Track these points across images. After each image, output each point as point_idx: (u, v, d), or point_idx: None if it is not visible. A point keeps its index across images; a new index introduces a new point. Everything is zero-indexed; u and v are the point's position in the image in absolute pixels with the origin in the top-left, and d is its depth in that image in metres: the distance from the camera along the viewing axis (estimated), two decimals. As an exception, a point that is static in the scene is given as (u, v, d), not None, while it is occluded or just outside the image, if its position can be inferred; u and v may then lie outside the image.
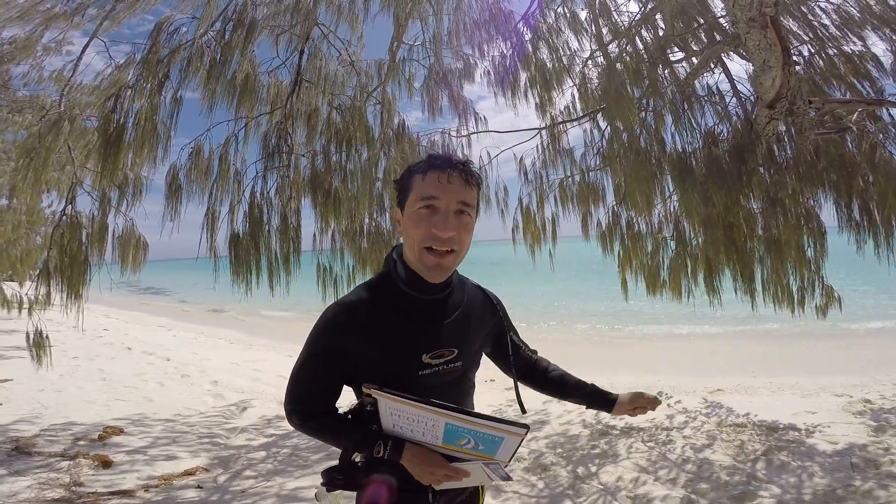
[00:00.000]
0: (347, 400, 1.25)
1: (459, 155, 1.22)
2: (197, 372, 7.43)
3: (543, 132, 5.05)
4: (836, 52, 3.69)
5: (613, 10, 3.92)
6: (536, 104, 4.77)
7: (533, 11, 4.43)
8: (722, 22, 3.78)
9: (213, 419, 5.17)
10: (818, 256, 4.03)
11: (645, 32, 3.93)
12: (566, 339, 11.63)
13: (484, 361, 1.40)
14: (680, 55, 4.07)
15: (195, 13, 3.81)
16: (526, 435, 1.08)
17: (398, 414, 1.11)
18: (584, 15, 4.33)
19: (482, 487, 1.37)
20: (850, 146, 3.67)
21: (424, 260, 1.12)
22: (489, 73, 4.95)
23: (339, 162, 4.28)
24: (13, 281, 7.40)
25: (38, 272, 4.06)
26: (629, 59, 3.72)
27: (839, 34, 3.64)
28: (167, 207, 3.94)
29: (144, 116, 3.59)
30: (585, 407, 1.52)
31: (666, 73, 3.88)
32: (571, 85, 4.68)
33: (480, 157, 5.34)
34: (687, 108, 3.80)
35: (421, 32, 4.85)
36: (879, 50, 3.61)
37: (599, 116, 4.68)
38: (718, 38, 3.68)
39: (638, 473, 3.61)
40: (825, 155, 3.61)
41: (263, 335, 12.48)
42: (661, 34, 3.90)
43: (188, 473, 3.71)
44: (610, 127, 4.18)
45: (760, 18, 2.42)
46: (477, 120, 5.26)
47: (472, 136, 5.29)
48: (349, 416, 1.22)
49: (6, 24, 4.01)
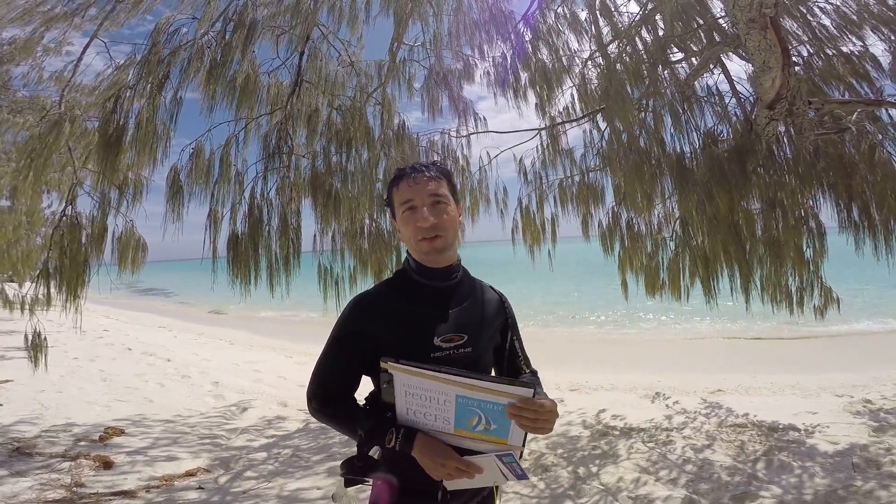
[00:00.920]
0: (365, 392, 1.31)
1: (433, 157, 1.33)
2: (198, 373, 7.43)
3: (543, 133, 5.06)
4: (834, 52, 3.69)
5: (613, 10, 3.92)
6: (536, 104, 4.78)
7: (533, 12, 4.43)
8: (721, 23, 3.79)
9: (213, 420, 5.18)
10: (817, 257, 4.04)
11: (645, 33, 3.93)
12: (566, 338, 11.63)
13: None
14: (679, 56, 4.07)
15: (195, 13, 3.82)
16: (534, 398, 1.11)
17: (412, 392, 1.16)
18: (584, 15, 4.34)
19: (496, 490, 1.41)
20: (849, 147, 3.67)
21: (421, 248, 1.30)
22: (489, 73, 4.96)
23: (339, 163, 4.28)
24: (13, 282, 7.41)
25: (37, 273, 4.06)
26: (629, 59, 3.73)
27: (838, 34, 3.64)
28: (168, 208, 3.94)
29: (145, 117, 3.59)
30: None
31: (666, 73, 3.88)
32: (571, 85, 4.69)
33: (480, 157, 5.36)
34: (686, 108, 3.80)
35: (421, 33, 4.86)
36: (878, 50, 3.62)
37: (599, 117, 4.68)
38: (718, 38, 3.68)
39: (639, 474, 3.61)
40: (824, 155, 3.61)
41: (264, 336, 12.48)
42: (660, 35, 3.90)
43: (189, 474, 3.71)
44: (610, 127, 4.19)
45: (760, 19, 2.43)
46: (477, 120, 5.27)
47: (471, 136, 5.30)
48: (366, 404, 1.31)
49: (6, 24, 4.02)
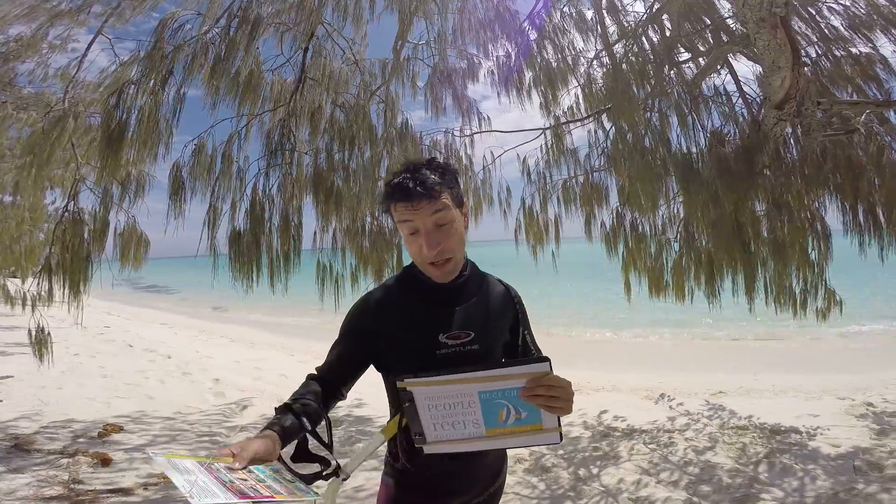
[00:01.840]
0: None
1: (422, 162, 1.26)
2: (198, 370, 7.42)
3: (547, 132, 5.03)
4: (844, 53, 3.66)
5: (620, 9, 3.90)
6: (541, 104, 4.76)
7: (538, 11, 4.41)
8: (729, 23, 3.76)
9: (213, 417, 5.16)
10: (822, 259, 4.01)
11: (651, 33, 3.91)
12: (568, 339, 11.61)
13: None
14: (686, 56, 4.05)
15: (200, 9, 3.81)
16: (552, 371, 1.07)
17: (435, 404, 1.13)
18: (590, 15, 4.32)
19: (503, 485, 1.45)
20: (857, 148, 3.64)
21: (429, 272, 1.26)
22: (493, 72, 4.93)
23: (341, 160, 4.26)
24: (16, 277, 7.41)
25: (39, 268, 4.06)
26: (635, 59, 3.70)
27: (847, 36, 3.61)
28: (170, 205, 3.93)
29: (147, 113, 3.58)
30: None
31: (672, 73, 3.86)
32: (576, 85, 4.67)
33: (484, 156, 5.34)
34: (693, 108, 3.78)
35: (426, 31, 4.84)
36: (888, 52, 3.59)
37: (604, 117, 4.65)
38: (726, 39, 3.65)
39: (639, 475, 3.59)
40: (832, 157, 3.58)
41: (266, 333, 12.48)
42: (667, 35, 3.88)
43: (188, 471, 3.69)
44: (615, 127, 4.16)
45: (770, 19, 2.40)
46: (480, 120, 5.25)
47: (475, 135, 5.28)
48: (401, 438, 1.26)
49: (12, 21, 4.01)
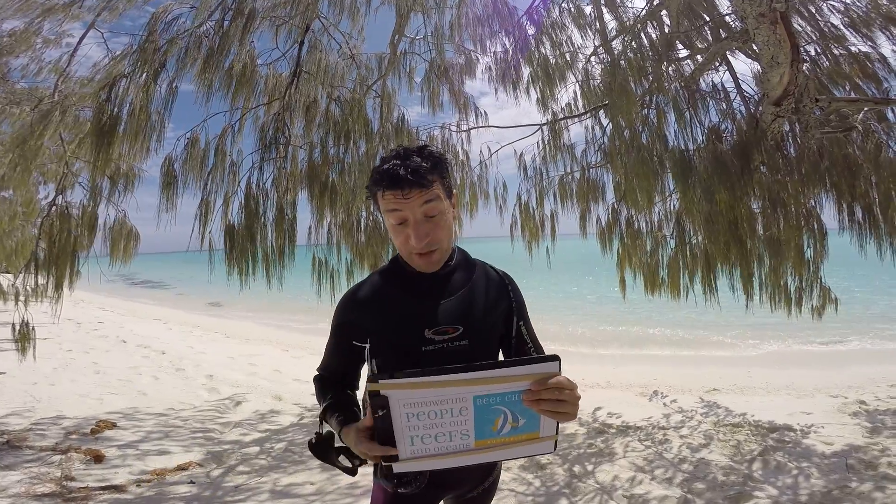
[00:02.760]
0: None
1: (413, 149, 1.19)
2: (192, 366, 7.38)
3: (544, 128, 5.01)
4: (843, 52, 3.65)
5: (619, 5, 3.88)
6: (538, 100, 4.74)
7: (537, 6, 4.38)
8: (728, 20, 3.75)
9: (206, 413, 5.13)
10: (818, 257, 4.01)
11: (650, 29, 3.88)
12: (563, 335, 11.61)
13: None
14: (685, 52, 4.03)
15: (194, 2, 3.75)
16: (560, 371, 0.96)
17: (416, 412, 0.97)
18: (588, 10, 4.29)
19: (498, 480, 1.43)
20: (854, 146, 3.64)
21: (415, 262, 1.22)
22: (491, 68, 4.91)
23: (336, 155, 4.23)
24: (8, 273, 7.34)
25: (26, 263, 4.01)
26: (633, 55, 3.68)
27: (847, 34, 3.60)
28: (162, 199, 3.89)
29: (139, 106, 3.53)
30: None
31: (670, 69, 3.84)
32: (574, 81, 4.65)
33: (480, 152, 5.32)
34: (690, 105, 3.76)
35: (423, 26, 4.79)
36: (887, 51, 3.58)
37: (601, 113, 4.64)
38: (724, 35, 3.64)
39: (634, 473, 3.59)
40: (829, 154, 3.58)
41: (261, 329, 12.44)
42: (666, 31, 3.86)
43: (181, 468, 3.67)
44: (612, 123, 4.14)
45: (770, 14, 2.38)
46: (478, 115, 5.23)
47: (472, 131, 5.26)
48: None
49: (6, 16, 3.95)
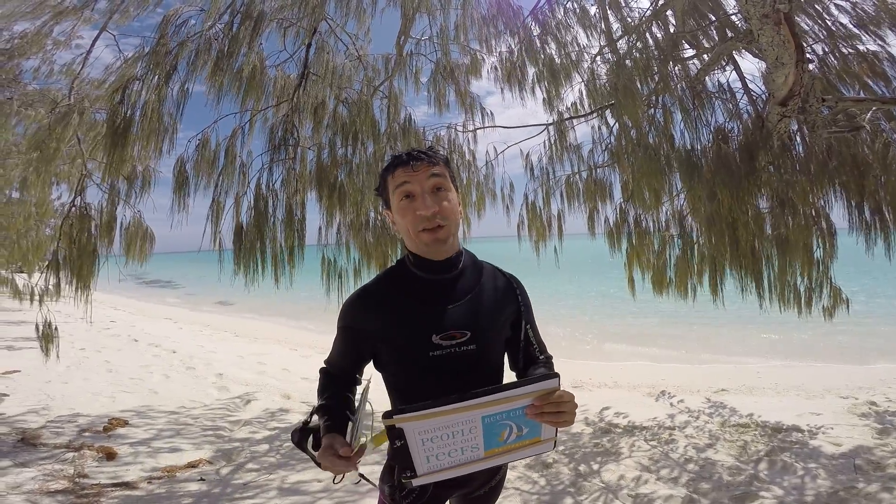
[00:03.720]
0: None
1: (439, 152, 1.29)
2: (202, 364, 7.47)
3: (551, 128, 5.02)
4: (851, 50, 3.63)
5: (623, 5, 3.88)
6: (544, 100, 4.74)
7: (541, 6, 4.39)
8: (734, 19, 3.74)
9: (217, 412, 5.21)
10: (827, 257, 3.99)
11: (655, 28, 3.88)
12: (570, 335, 11.60)
13: None
14: (691, 52, 4.02)
15: (204, 6, 3.82)
16: (560, 386, 1.05)
17: (430, 438, 1.03)
18: (593, 10, 4.29)
19: (504, 478, 1.44)
20: (862, 145, 3.61)
21: (422, 240, 1.20)
22: (497, 68, 4.92)
23: (344, 155, 4.27)
24: (23, 272, 7.47)
25: (47, 263, 4.09)
26: (639, 55, 3.68)
27: (856, 32, 3.58)
28: (175, 199, 3.96)
29: (151, 108, 3.60)
30: None
31: (677, 69, 3.84)
32: (580, 81, 4.65)
33: (487, 152, 5.33)
34: (697, 104, 3.76)
35: (428, 27, 4.82)
36: (896, 49, 3.55)
37: (608, 112, 4.64)
38: (730, 35, 3.63)
39: (640, 472, 3.60)
40: (837, 154, 3.56)
41: (270, 328, 12.55)
42: (671, 31, 3.85)
43: (191, 465, 3.73)
44: (618, 123, 4.15)
45: (774, 15, 2.39)
46: (484, 115, 5.23)
47: (478, 131, 5.27)
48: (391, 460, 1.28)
49: (18, 18, 4.03)
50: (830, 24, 3.70)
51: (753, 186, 3.40)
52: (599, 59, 4.44)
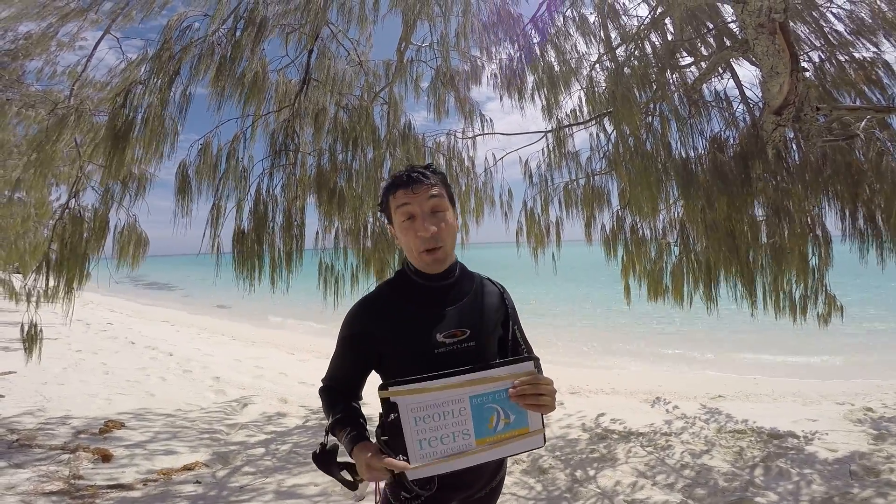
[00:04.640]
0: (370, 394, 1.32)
1: (439, 158, 1.36)
2: (199, 367, 7.46)
3: (549, 135, 5.06)
4: (847, 58, 3.68)
5: (622, 13, 3.92)
6: (543, 107, 4.78)
7: (541, 14, 4.44)
8: (732, 27, 3.78)
9: (213, 415, 5.20)
10: (822, 265, 4.02)
11: (654, 37, 3.93)
12: (567, 341, 11.61)
13: None
14: (688, 60, 4.07)
15: (207, 10, 3.85)
16: (535, 370, 1.21)
17: (422, 416, 1.14)
18: (592, 18, 4.34)
19: (503, 480, 1.49)
20: (857, 154, 3.65)
21: (423, 260, 1.32)
22: (496, 75, 4.96)
23: (344, 161, 4.30)
24: (20, 273, 7.46)
25: (37, 265, 4.09)
26: (637, 63, 3.72)
27: (851, 40, 3.62)
28: (177, 203, 3.97)
29: (153, 112, 3.61)
30: None
31: (674, 77, 3.88)
32: (579, 88, 4.69)
33: (486, 159, 5.36)
34: (693, 113, 3.80)
35: (429, 34, 4.86)
36: (891, 57, 3.60)
37: (606, 120, 4.68)
38: (728, 43, 3.68)
39: (636, 478, 3.61)
40: (831, 162, 3.60)
41: (267, 332, 12.53)
42: (669, 39, 3.90)
43: (187, 468, 3.73)
44: (616, 131, 4.18)
45: (769, 24, 2.43)
46: (483, 122, 5.26)
47: (477, 137, 5.30)
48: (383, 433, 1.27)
49: (24, 19, 4.06)
50: (827, 31, 3.74)
51: (749, 195, 3.43)
52: (598, 66, 4.49)
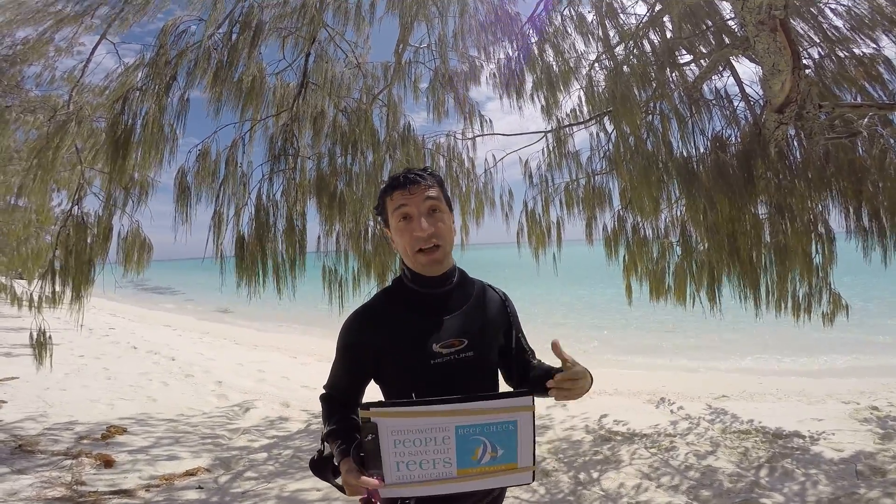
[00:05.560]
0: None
1: (439, 159, 1.33)
2: (201, 372, 7.46)
3: (549, 135, 5.03)
4: (847, 55, 3.65)
5: (620, 12, 3.90)
6: (542, 107, 4.76)
7: (539, 14, 4.42)
8: (731, 24, 3.76)
9: (216, 419, 5.19)
10: (826, 263, 3.99)
11: (652, 35, 3.90)
12: (570, 341, 11.58)
13: None
14: (688, 58, 4.04)
15: (202, 15, 3.84)
16: (534, 405, 1.09)
17: (402, 439, 1.05)
18: (590, 17, 4.32)
19: (505, 491, 1.43)
20: (860, 151, 3.62)
21: (419, 261, 1.28)
22: (495, 75, 4.94)
23: (344, 164, 4.28)
24: (23, 279, 7.48)
25: (42, 272, 4.09)
26: (636, 61, 3.70)
27: (850, 37, 3.60)
28: (176, 209, 3.96)
29: (152, 118, 3.61)
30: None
31: (674, 75, 3.85)
32: (578, 88, 4.66)
33: (486, 159, 5.33)
34: (694, 112, 3.77)
35: (427, 35, 4.85)
36: (892, 53, 3.57)
37: (606, 119, 4.65)
38: (727, 41, 3.65)
39: (640, 480, 3.58)
40: (834, 160, 3.57)
41: (269, 336, 12.53)
42: (668, 37, 3.87)
43: (189, 474, 3.72)
44: (616, 130, 4.16)
45: (770, 21, 2.40)
46: (482, 122, 5.24)
47: (477, 138, 5.28)
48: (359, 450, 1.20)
49: (20, 24, 4.06)
50: (826, 27, 3.71)
51: (751, 195, 3.40)
52: (597, 65, 4.46)
